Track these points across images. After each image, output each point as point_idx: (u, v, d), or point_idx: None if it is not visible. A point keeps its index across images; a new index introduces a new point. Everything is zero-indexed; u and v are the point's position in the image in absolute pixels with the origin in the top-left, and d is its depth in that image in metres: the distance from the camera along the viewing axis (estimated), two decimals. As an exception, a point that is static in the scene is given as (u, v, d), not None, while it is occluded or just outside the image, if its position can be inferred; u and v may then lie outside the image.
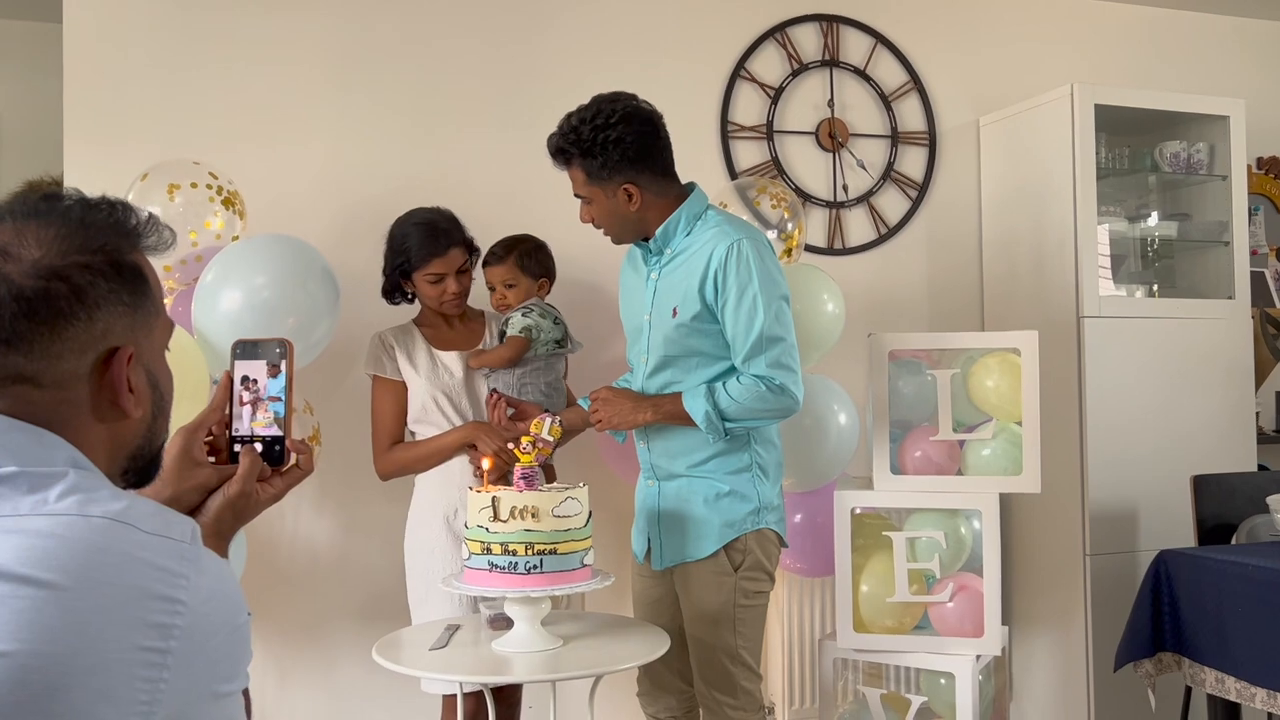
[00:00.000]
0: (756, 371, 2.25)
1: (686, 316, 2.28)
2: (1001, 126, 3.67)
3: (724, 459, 2.32)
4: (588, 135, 2.25)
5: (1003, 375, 2.44)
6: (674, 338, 2.32)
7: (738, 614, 2.33)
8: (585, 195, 2.34)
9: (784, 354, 2.25)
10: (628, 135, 2.24)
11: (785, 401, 2.26)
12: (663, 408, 2.32)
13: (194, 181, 2.58)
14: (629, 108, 2.29)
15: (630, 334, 2.49)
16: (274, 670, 2.99)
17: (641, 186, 2.29)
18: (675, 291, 2.31)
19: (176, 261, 2.63)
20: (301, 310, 2.53)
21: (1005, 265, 3.64)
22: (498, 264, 2.69)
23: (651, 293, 2.39)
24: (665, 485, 2.39)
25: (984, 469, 2.47)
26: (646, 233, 2.37)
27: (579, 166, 2.29)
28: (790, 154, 3.55)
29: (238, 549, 2.55)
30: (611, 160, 2.24)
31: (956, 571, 2.49)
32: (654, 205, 2.32)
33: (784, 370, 2.25)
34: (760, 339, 2.23)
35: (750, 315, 2.23)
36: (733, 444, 2.32)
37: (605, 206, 2.32)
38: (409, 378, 2.66)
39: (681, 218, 2.33)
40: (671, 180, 2.36)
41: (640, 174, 2.28)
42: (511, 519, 2.01)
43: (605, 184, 2.29)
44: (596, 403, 2.38)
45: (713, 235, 2.28)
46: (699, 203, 2.38)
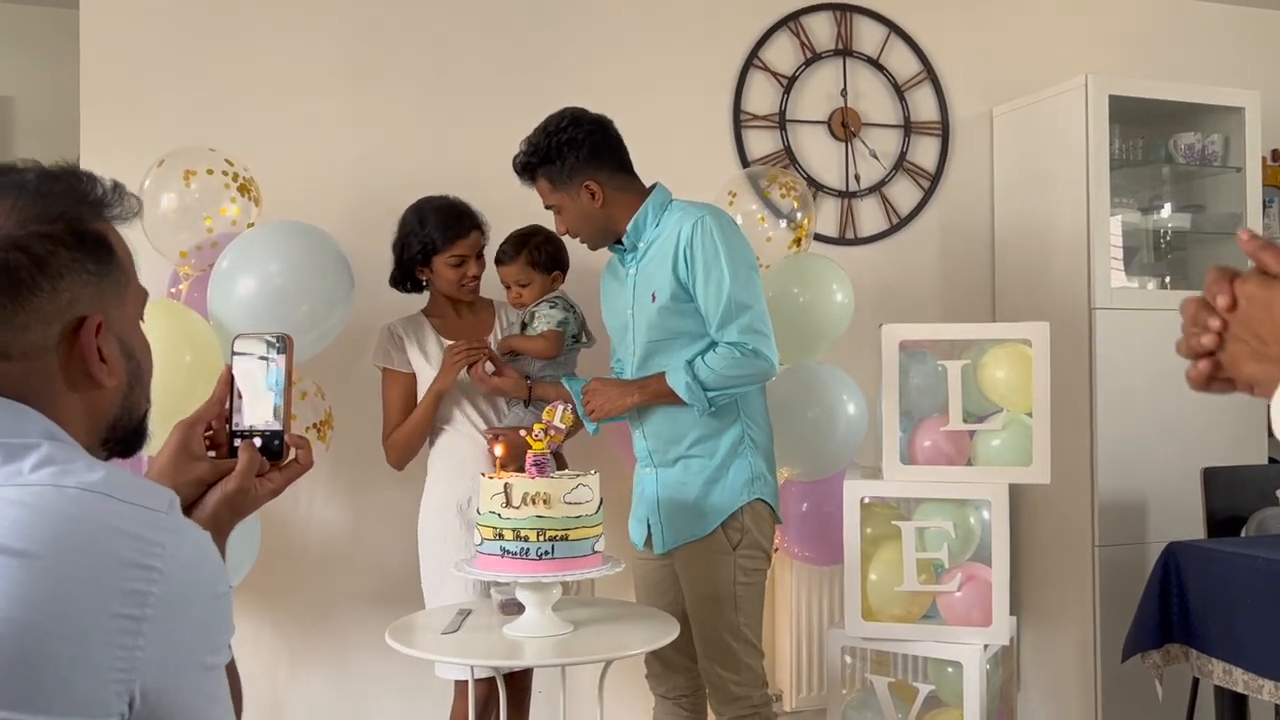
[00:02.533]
0: (730, 339, 2.32)
1: (665, 298, 2.36)
2: (1015, 117, 3.66)
3: (717, 437, 2.38)
4: (543, 143, 2.40)
5: (1013, 366, 2.45)
6: (656, 322, 2.39)
7: (738, 591, 2.38)
8: (554, 204, 2.45)
9: (755, 319, 2.32)
10: (579, 134, 2.39)
11: (760, 365, 2.32)
12: (649, 388, 2.39)
13: (210, 168, 2.60)
14: (575, 112, 2.44)
15: (615, 333, 2.57)
16: (286, 654, 3.02)
17: (602, 182, 2.40)
18: (652, 278, 2.40)
19: (192, 248, 2.65)
20: (316, 297, 2.55)
21: (1017, 256, 3.64)
22: (509, 263, 2.71)
23: (631, 288, 2.47)
24: (663, 471, 2.44)
25: (994, 459, 2.48)
26: (617, 231, 2.45)
27: (543, 176, 2.43)
28: (803, 143, 3.55)
29: (251, 533, 2.58)
30: (569, 162, 2.38)
31: (965, 561, 2.51)
32: (618, 201, 2.42)
33: (756, 335, 2.31)
34: (730, 306, 2.31)
35: (719, 285, 2.31)
36: (723, 421, 2.38)
37: (573, 211, 2.43)
38: (420, 368, 2.68)
39: (648, 210, 2.43)
40: (631, 177, 2.48)
41: (598, 170, 2.40)
42: (524, 505, 2.03)
43: (568, 186, 2.40)
44: (587, 394, 2.45)
45: (679, 218, 2.39)
46: (663, 195, 2.48)
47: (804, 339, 2.79)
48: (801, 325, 2.76)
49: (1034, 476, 2.45)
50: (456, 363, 2.58)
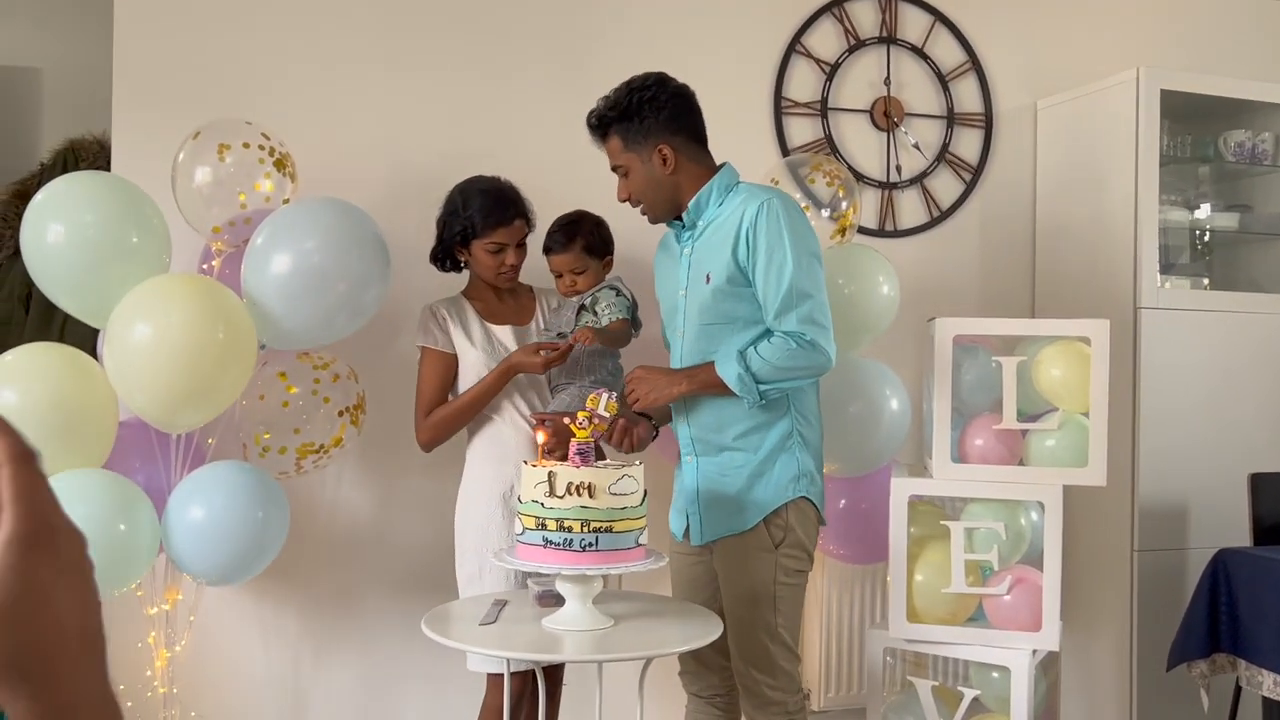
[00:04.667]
0: (787, 328, 2.24)
1: (720, 280, 2.29)
2: (1060, 110, 3.58)
3: (764, 430, 2.30)
4: (624, 100, 2.33)
5: (1069, 364, 2.37)
6: (709, 305, 2.31)
7: (778, 591, 2.31)
8: (622, 165, 2.37)
9: (815, 310, 2.24)
10: (662, 95, 2.33)
11: (817, 358, 2.24)
12: (697, 377, 2.30)
13: (245, 141, 2.54)
14: (661, 75, 2.38)
15: (666, 313, 2.49)
16: (310, 642, 2.97)
17: (676, 148, 2.33)
18: (708, 259, 2.32)
19: (225, 223, 2.59)
20: (352, 276, 2.49)
21: (1059, 253, 3.56)
22: (562, 251, 2.64)
23: (686, 268, 2.39)
24: (705, 461, 2.37)
25: (1047, 460, 2.40)
26: (680, 203, 2.38)
27: (616, 134, 2.35)
28: (844, 132, 3.48)
29: (280, 516, 2.52)
30: (647, 121, 2.31)
31: (1014, 564, 2.43)
32: (688, 171, 2.35)
33: (815, 326, 2.23)
34: (790, 294, 2.23)
35: (780, 271, 2.23)
36: (773, 414, 2.30)
37: (641, 174, 2.35)
38: (463, 350, 2.62)
39: (714, 188, 2.36)
40: (704, 151, 2.41)
41: (674, 135, 2.33)
42: (568, 495, 1.97)
43: (641, 147, 2.33)
44: (632, 382, 2.36)
45: (743, 199, 2.31)
46: (731, 175, 2.41)
47: (847, 332, 2.72)
48: (846, 317, 2.69)
49: (1090, 478, 2.38)
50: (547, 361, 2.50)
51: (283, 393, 2.58)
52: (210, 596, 2.71)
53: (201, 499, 2.44)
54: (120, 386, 2.36)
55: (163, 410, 2.38)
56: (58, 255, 2.36)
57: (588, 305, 2.64)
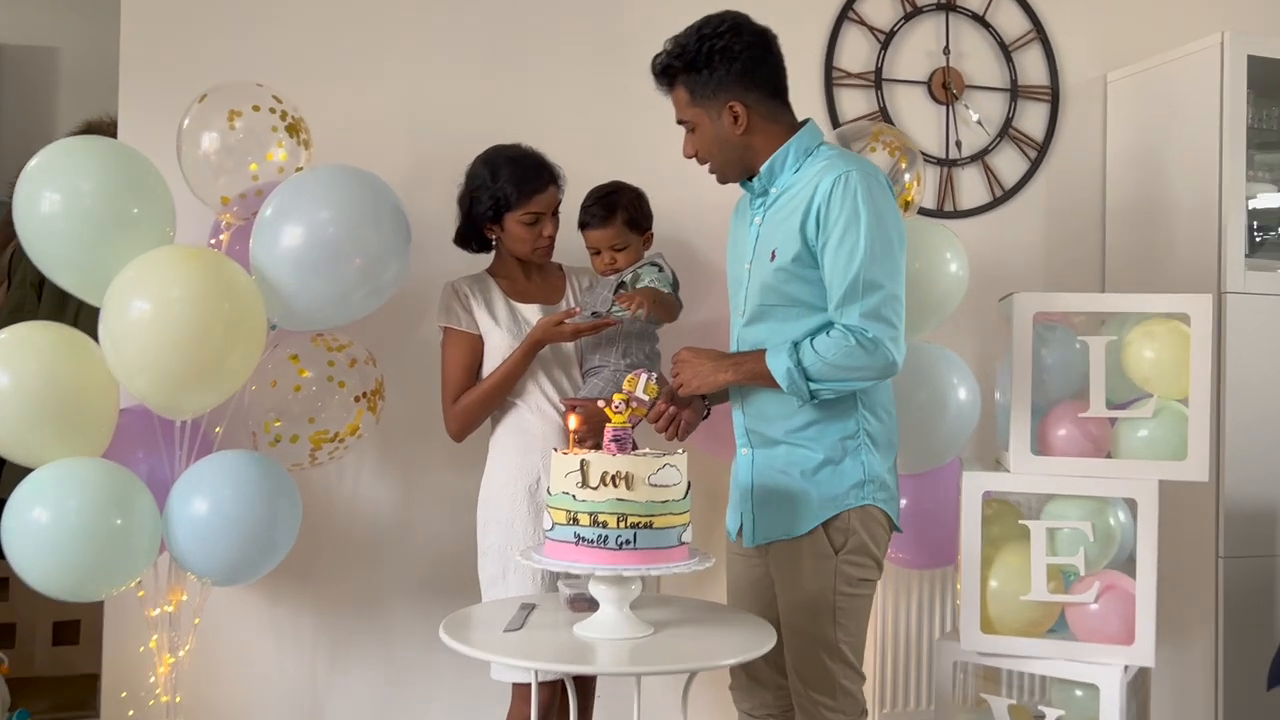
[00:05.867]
0: (848, 321, 1.99)
1: (786, 259, 2.05)
2: (1133, 82, 3.32)
3: (825, 425, 2.07)
4: (693, 47, 2.07)
5: (1166, 345, 2.12)
6: (772, 284, 2.08)
7: (838, 602, 2.07)
8: (689, 119, 2.12)
9: (884, 304, 1.98)
10: (735, 44, 2.05)
11: (878, 360, 1.98)
12: (744, 366, 2.07)
13: (256, 104, 2.35)
14: (739, 19, 2.11)
15: (732, 285, 2.25)
16: (327, 645, 2.77)
17: (749, 106, 2.07)
18: (776, 232, 2.09)
19: (235, 195, 2.41)
20: (370, 251, 2.29)
21: (1132, 236, 3.30)
22: (602, 226, 2.43)
23: (754, 238, 2.15)
24: (760, 454, 2.15)
25: (1140, 452, 2.15)
26: (752, 166, 2.13)
27: (683, 85, 2.10)
28: (899, 105, 3.24)
29: (291, 513, 2.33)
30: (718, 74, 2.05)
31: (1102, 568, 2.18)
32: (761, 131, 2.10)
33: (881, 323, 1.98)
34: (856, 283, 1.97)
35: (850, 255, 1.97)
36: (833, 410, 2.06)
37: (709, 132, 2.10)
38: (488, 330, 2.41)
39: (790, 151, 2.10)
40: (783, 105, 2.14)
41: (748, 91, 2.07)
42: (602, 486, 1.75)
43: (710, 103, 2.08)
44: (677, 364, 2.13)
45: (821, 168, 2.05)
46: (812, 137, 2.14)
47: (912, 315, 2.46)
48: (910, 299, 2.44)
49: (1190, 473, 2.12)
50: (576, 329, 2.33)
51: (295, 377, 2.39)
52: (217, 597, 2.52)
53: (206, 491, 2.25)
54: (118, 368, 2.18)
55: (164, 394, 2.19)
56: (53, 226, 2.19)
57: (628, 283, 2.43)
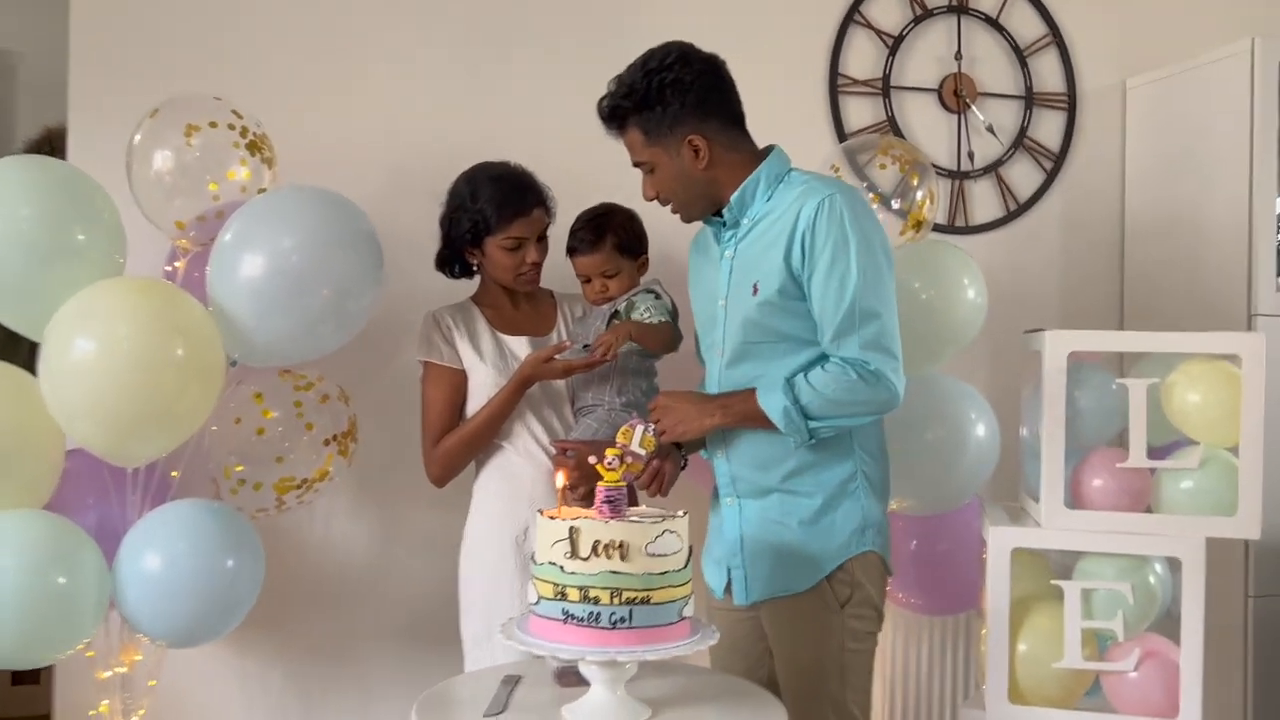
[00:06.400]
0: (847, 354, 1.86)
1: (770, 292, 1.90)
2: (1154, 89, 3.14)
3: (822, 469, 1.93)
4: (641, 84, 1.94)
5: (1212, 388, 1.93)
6: (755, 319, 1.93)
7: (846, 660, 1.94)
8: (646, 161, 1.98)
9: (882, 334, 1.86)
10: (686, 75, 1.93)
11: (881, 394, 1.86)
12: (733, 408, 1.92)
13: (213, 121, 2.15)
14: (684, 49, 1.98)
15: (703, 325, 2.10)
16: (297, 699, 2.58)
17: (709, 137, 1.94)
18: (755, 265, 1.94)
19: (193, 218, 2.20)
20: (338, 280, 2.10)
21: (1153, 252, 3.12)
22: (591, 251, 2.24)
23: (727, 273, 1.99)
24: (749, 504, 1.99)
25: (1184, 506, 1.96)
26: (719, 199, 1.99)
27: (635, 126, 1.96)
28: (908, 114, 3.05)
29: (253, 569, 2.13)
30: (671, 108, 1.92)
31: (1142, 632, 2.00)
32: (724, 162, 1.96)
33: (881, 354, 1.85)
34: (852, 313, 1.85)
35: (842, 284, 1.85)
36: (830, 452, 1.92)
37: (670, 170, 1.96)
38: (472, 366, 2.22)
39: (760, 179, 1.96)
40: (742, 133, 2.01)
41: (705, 122, 1.94)
42: (594, 557, 1.56)
43: (667, 139, 1.94)
44: (656, 411, 1.97)
45: (800, 194, 1.92)
46: (781, 163, 2.00)
47: (927, 344, 2.30)
48: (924, 328, 2.28)
49: (1241, 529, 1.94)
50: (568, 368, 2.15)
51: (259, 418, 2.19)
52: (177, 653, 2.32)
53: (159, 545, 2.05)
54: (58, 411, 1.98)
55: (110, 439, 1.99)
56: (-12, 255, 1.98)
57: (621, 312, 2.24)
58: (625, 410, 2.21)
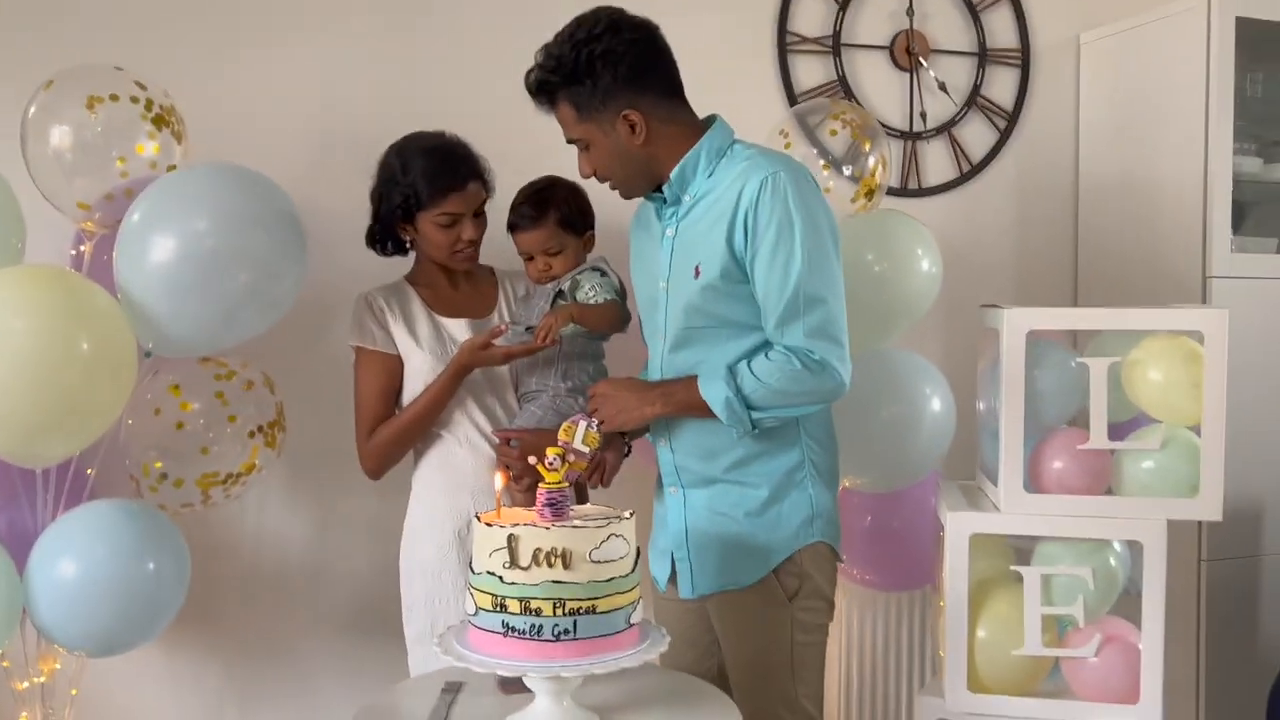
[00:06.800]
0: (790, 342, 1.78)
1: (713, 275, 1.81)
2: (1108, 44, 3.06)
3: (768, 459, 1.86)
4: (570, 56, 1.81)
5: (1174, 365, 1.88)
6: (697, 304, 1.84)
7: (796, 653, 1.88)
8: (580, 138, 1.87)
9: (827, 320, 1.77)
10: (617, 45, 1.81)
11: (826, 383, 1.78)
12: (674, 396, 1.85)
13: (114, 93, 1.98)
14: (614, 15, 1.85)
15: (644, 307, 2.00)
16: (235, 697, 2.47)
17: (644, 111, 1.83)
18: (697, 246, 1.84)
19: (99, 196, 2.05)
20: (257, 264, 1.96)
21: (1108, 213, 3.06)
22: (533, 227, 2.11)
23: (668, 253, 1.90)
24: (694, 494, 1.92)
25: (1146, 487, 1.91)
26: (659, 175, 1.89)
27: (566, 100, 1.84)
28: (860, 72, 2.94)
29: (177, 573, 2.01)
30: (603, 81, 1.80)
31: (1104, 617, 1.95)
32: (664, 136, 1.85)
33: (826, 341, 1.77)
34: (796, 299, 1.76)
35: (785, 268, 1.76)
36: (776, 441, 1.85)
37: (605, 147, 1.85)
38: (408, 352, 2.10)
39: (701, 154, 1.86)
40: (681, 104, 1.89)
41: (641, 95, 1.83)
42: (535, 566, 1.47)
43: (600, 115, 1.83)
44: (595, 399, 1.88)
45: (742, 169, 1.82)
46: (723, 136, 1.89)
47: (879, 319, 2.22)
48: (877, 302, 2.20)
49: (1202, 511, 1.90)
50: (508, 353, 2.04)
51: (177, 410, 2.06)
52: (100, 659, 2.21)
53: (74, 551, 1.93)
54: (-46, 413, 1.83)
55: (13, 441, 1.85)
56: None
57: (566, 291, 2.12)
58: (571, 395, 2.10)
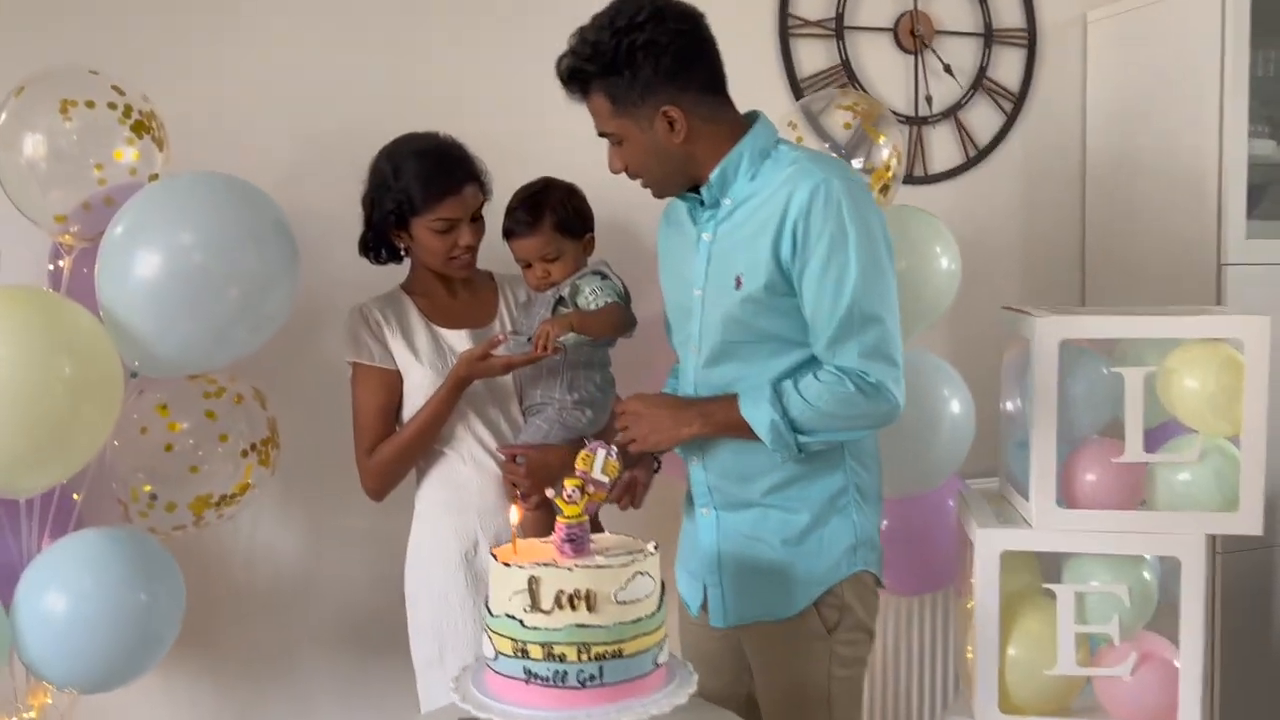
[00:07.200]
0: (844, 363, 1.67)
1: (755, 287, 1.69)
2: (1116, 23, 2.97)
3: (810, 483, 1.75)
4: (609, 44, 1.66)
5: (1211, 374, 1.80)
6: (738, 317, 1.72)
7: (833, 688, 1.79)
8: (614, 132, 1.73)
9: (883, 340, 1.67)
10: (661, 36, 1.65)
11: (881, 406, 1.68)
12: (714, 417, 1.73)
13: (90, 99, 1.87)
14: (660, 4, 1.68)
15: (675, 315, 1.88)
16: (233, 714, 2.39)
17: (686, 109, 1.69)
18: (738, 254, 1.72)
19: (77, 206, 1.93)
20: (247, 278, 1.85)
21: (1116, 198, 2.99)
22: (529, 234, 2.01)
23: (705, 259, 1.77)
24: (728, 517, 1.81)
25: (1182, 500, 1.84)
26: (697, 176, 1.76)
27: (601, 91, 1.69)
28: (863, 56, 2.85)
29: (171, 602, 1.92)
30: (643, 74, 1.66)
31: (1139, 633, 1.89)
32: (704, 135, 1.71)
33: (882, 362, 1.66)
34: (850, 316, 1.65)
35: (839, 283, 1.64)
36: (822, 463, 1.75)
37: (641, 144, 1.72)
38: (407, 366, 2.00)
39: (744, 155, 1.72)
40: (724, 101, 1.76)
41: (683, 91, 1.68)
42: (557, 610, 1.39)
43: (638, 110, 1.69)
44: (626, 418, 1.77)
45: (790, 175, 1.68)
46: (766, 136, 1.76)
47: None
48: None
49: (1243, 525, 1.83)
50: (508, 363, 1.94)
51: (165, 432, 1.96)
52: (92, 688, 2.12)
53: (62, 583, 1.83)
54: (-71, 446, 1.72)
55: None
56: None
57: (566, 298, 2.03)
58: (578, 408, 2.02)
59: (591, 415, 2.04)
